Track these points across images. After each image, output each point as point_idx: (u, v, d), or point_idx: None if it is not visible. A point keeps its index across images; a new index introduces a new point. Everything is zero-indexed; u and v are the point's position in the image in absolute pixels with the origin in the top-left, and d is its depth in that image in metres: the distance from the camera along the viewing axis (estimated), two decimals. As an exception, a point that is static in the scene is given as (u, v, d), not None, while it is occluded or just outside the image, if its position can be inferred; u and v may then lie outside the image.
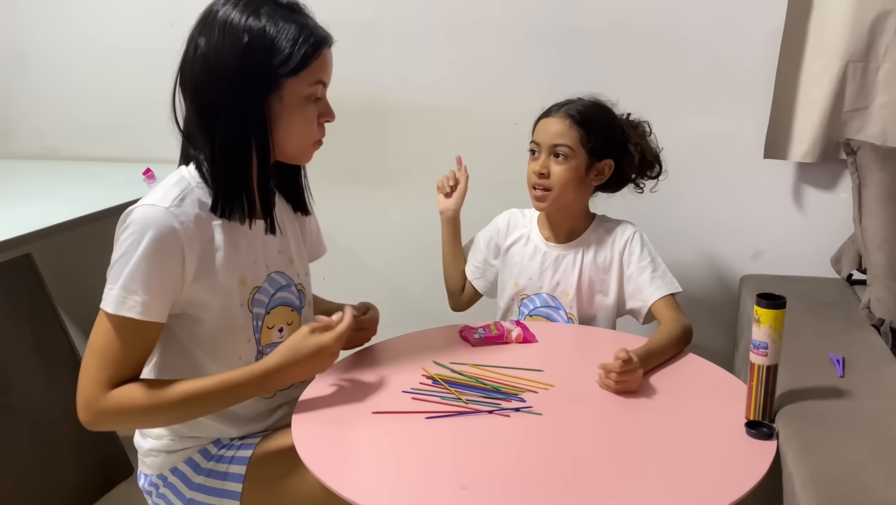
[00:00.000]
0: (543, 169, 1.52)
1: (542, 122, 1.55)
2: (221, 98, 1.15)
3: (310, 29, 1.18)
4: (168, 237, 1.13)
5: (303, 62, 1.16)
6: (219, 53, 1.14)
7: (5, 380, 1.90)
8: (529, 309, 1.62)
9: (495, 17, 1.95)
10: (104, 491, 2.07)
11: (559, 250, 1.59)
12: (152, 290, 1.13)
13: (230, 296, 1.22)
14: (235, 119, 1.16)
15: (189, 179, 1.20)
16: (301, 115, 1.20)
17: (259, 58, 1.14)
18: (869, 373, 1.28)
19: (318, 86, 1.20)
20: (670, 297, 1.52)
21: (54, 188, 2.04)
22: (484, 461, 1.07)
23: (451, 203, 1.68)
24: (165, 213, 1.14)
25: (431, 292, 2.02)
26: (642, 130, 1.59)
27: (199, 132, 1.19)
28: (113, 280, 1.13)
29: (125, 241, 1.13)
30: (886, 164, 1.64)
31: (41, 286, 2.09)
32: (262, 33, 1.14)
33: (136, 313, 1.12)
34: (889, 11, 1.69)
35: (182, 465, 1.28)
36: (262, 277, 1.28)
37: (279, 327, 1.31)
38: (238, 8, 1.15)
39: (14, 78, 2.36)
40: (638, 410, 1.21)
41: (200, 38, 1.16)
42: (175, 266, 1.15)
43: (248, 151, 1.19)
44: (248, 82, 1.14)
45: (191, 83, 1.17)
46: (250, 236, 1.25)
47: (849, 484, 0.97)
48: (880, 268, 1.57)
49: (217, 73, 1.14)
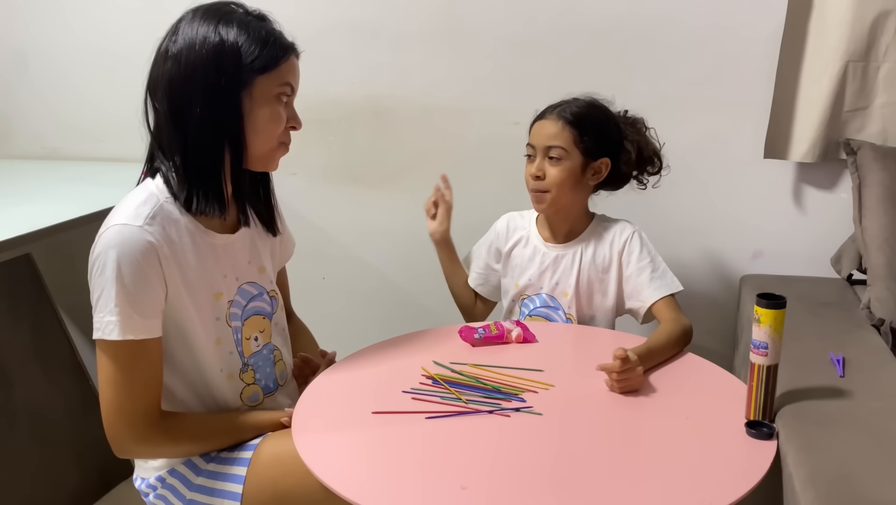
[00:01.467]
0: (539, 171, 1.52)
1: (537, 124, 1.55)
2: (194, 94, 1.16)
3: (278, 35, 1.21)
4: (144, 254, 1.14)
5: (273, 62, 1.18)
6: (190, 51, 1.16)
7: (5, 380, 1.90)
8: (529, 309, 1.62)
9: (495, 17, 1.95)
10: (104, 491, 2.07)
11: (558, 250, 1.60)
12: (142, 308, 1.14)
13: (206, 311, 1.24)
14: (208, 113, 1.17)
15: (157, 195, 1.20)
16: (269, 113, 1.21)
17: (230, 54, 1.16)
18: (869, 373, 1.28)
19: (286, 87, 1.22)
20: (671, 297, 1.52)
21: (54, 188, 2.04)
22: (484, 461, 1.07)
23: (437, 226, 1.66)
24: (139, 231, 1.14)
25: (431, 292, 2.02)
26: (639, 126, 1.59)
27: (170, 132, 1.19)
28: (102, 308, 1.14)
29: (104, 265, 1.13)
30: (886, 164, 1.64)
31: (41, 286, 2.09)
32: (233, 34, 1.17)
33: (134, 334, 1.14)
34: (889, 11, 1.69)
35: (181, 466, 1.28)
36: (234, 290, 1.29)
37: (254, 336, 1.32)
38: (211, 14, 1.19)
39: (14, 78, 2.36)
40: (638, 410, 1.21)
41: (172, 42, 1.18)
42: (157, 279, 1.16)
43: (222, 145, 1.20)
44: (220, 77, 1.16)
45: (162, 82, 1.18)
46: (219, 251, 1.26)
47: (849, 484, 0.97)
48: (880, 268, 1.57)
49: (189, 68, 1.16)
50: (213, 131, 1.18)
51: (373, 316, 2.23)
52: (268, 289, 1.36)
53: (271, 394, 1.35)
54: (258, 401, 1.33)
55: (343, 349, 1.46)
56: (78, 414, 2.05)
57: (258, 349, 1.33)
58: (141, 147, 1.27)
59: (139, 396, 1.17)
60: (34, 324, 2.04)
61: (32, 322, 2.03)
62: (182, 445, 1.25)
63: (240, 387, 1.30)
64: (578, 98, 1.56)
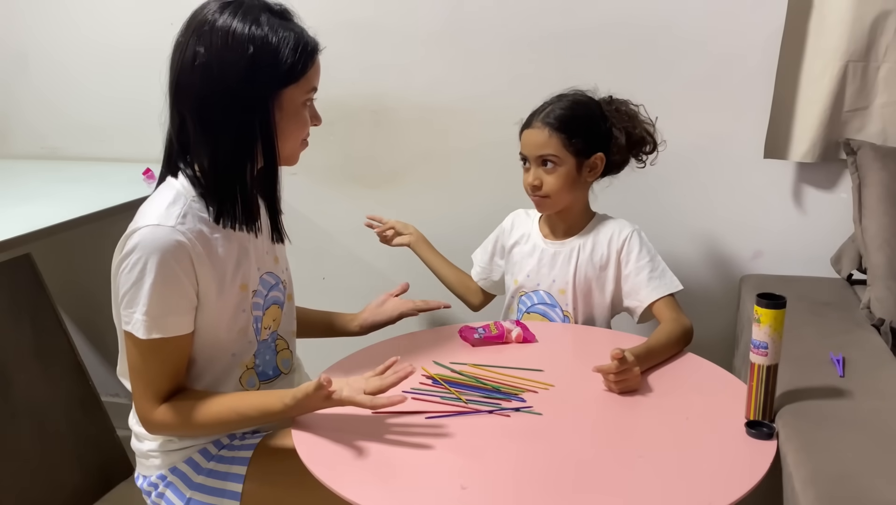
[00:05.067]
0: (536, 181, 1.53)
1: (525, 133, 1.55)
2: (226, 108, 1.14)
3: (305, 37, 1.19)
4: (178, 254, 1.15)
5: (303, 70, 1.17)
6: (223, 63, 1.13)
7: (5, 380, 1.90)
8: (527, 306, 1.62)
9: (495, 16, 1.95)
10: (104, 491, 2.07)
11: (556, 247, 1.60)
12: (176, 308, 1.16)
13: (231, 302, 1.24)
14: (241, 128, 1.16)
15: (185, 193, 1.20)
16: (297, 121, 1.22)
17: (265, 67, 1.14)
18: (869, 373, 1.28)
19: (312, 91, 1.22)
20: (671, 296, 1.52)
21: (54, 188, 2.04)
22: (484, 461, 1.07)
23: (404, 240, 1.76)
24: (172, 231, 1.15)
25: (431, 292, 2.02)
26: (625, 110, 1.57)
27: (198, 141, 1.18)
28: (134, 304, 1.15)
29: (137, 265, 1.14)
30: (886, 164, 1.64)
31: (41, 286, 2.09)
32: (265, 42, 1.14)
33: (164, 333, 1.16)
34: (889, 11, 1.68)
35: (182, 464, 1.28)
36: (257, 280, 1.29)
37: (268, 326, 1.33)
38: (237, 17, 1.14)
39: (14, 78, 2.36)
40: (638, 410, 1.21)
41: (199, 46, 1.14)
42: (188, 280, 1.17)
43: (252, 159, 1.19)
44: (254, 91, 1.14)
45: (190, 93, 1.16)
46: (246, 242, 1.27)
47: (849, 484, 0.97)
48: (880, 268, 1.57)
49: (222, 83, 1.14)
50: (246, 145, 1.18)
51: (373, 316, 2.23)
52: (282, 278, 1.37)
53: (269, 381, 1.35)
54: (254, 386, 1.33)
55: (343, 349, 1.46)
56: (78, 414, 2.05)
57: (265, 337, 1.33)
58: (140, 147, 1.27)
59: (164, 381, 1.20)
60: (34, 324, 2.04)
61: (32, 322, 2.04)
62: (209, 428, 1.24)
63: (240, 371, 1.30)
64: (562, 96, 1.55)
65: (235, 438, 1.30)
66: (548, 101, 1.55)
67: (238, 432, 1.31)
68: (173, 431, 1.25)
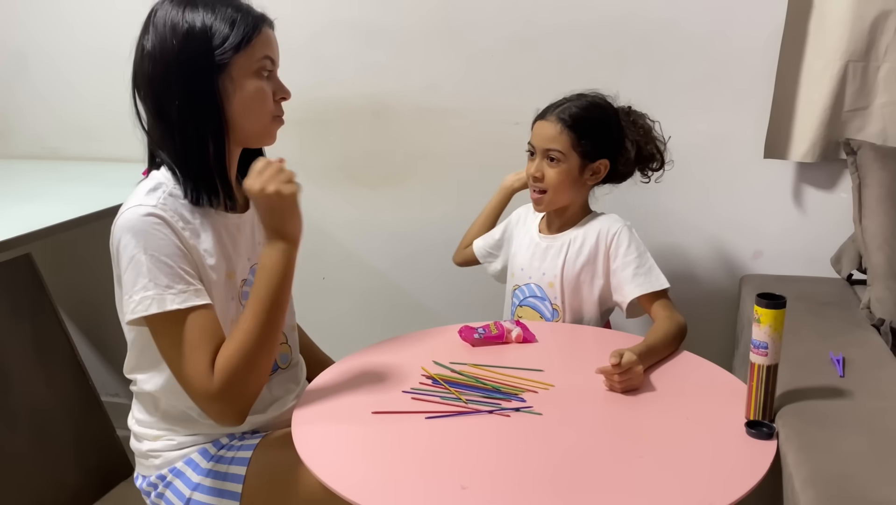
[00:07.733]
0: (538, 172, 1.54)
1: (537, 124, 1.56)
2: (171, 89, 1.17)
3: (246, 9, 1.21)
4: (161, 227, 1.15)
5: (245, 39, 1.19)
6: (162, 46, 1.17)
7: (5, 380, 1.90)
8: (520, 299, 1.64)
9: (495, 17, 1.95)
10: (104, 491, 2.07)
11: (548, 241, 1.61)
12: (181, 276, 1.15)
13: (220, 290, 1.24)
14: (187, 106, 1.18)
15: (164, 182, 1.22)
16: (253, 91, 1.22)
17: (199, 41, 1.17)
18: (869, 373, 1.28)
19: (265, 60, 1.22)
20: (664, 294, 1.52)
21: (54, 188, 2.04)
22: (484, 461, 1.07)
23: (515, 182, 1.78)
24: (153, 209, 1.16)
25: (431, 292, 2.03)
26: (641, 124, 1.58)
27: (158, 129, 1.21)
28: (134, 284, 1.13)
29: (125, 247, 1.14)
30: (886, 164, 1.64)
31: (41, 286, 2.09)
32: (201, 20, 1.17)
33: (179, 303, 1.14)
34: (889, 11, 1.68)
35: (181, 464, 1.28)
36: (247, 270, 1.29)
37: None
38: (175, 3, 1.19)
39: (13, 78, 2.36)
40: (638, 410, 1.21)
41: (145, 38, 1.20)
42: (182, 247, 1.17)
43: (206, 136, 1.20)
44: (194, 68, 1.17)
45: (143, 82, 1.21)
46: (231, 230, 1.27)
47: (849, 484, 0.97)
48: (880, 268, 1.57)
49: (163, 64, 1.17)
50: (195, 122, 1.19)
51: (373, 316, 2.24)
52: None
53: None
54: None
55: (343, 349, 1.46)
56: (78, 414, 2.05)
57: None
58: (140, 147, 1.27)
59: (204, 351, 1.14)
60: (34, 324, 2.04)
61: (32, 322, 2.03)
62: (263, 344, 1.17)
63: None
64: (582, 95, 1.56)
65: (235, 439, 1.30)
66: (567, 97, 1.56)
67: (238, 432, 1.31)
68: (242, 385, 1.16)
